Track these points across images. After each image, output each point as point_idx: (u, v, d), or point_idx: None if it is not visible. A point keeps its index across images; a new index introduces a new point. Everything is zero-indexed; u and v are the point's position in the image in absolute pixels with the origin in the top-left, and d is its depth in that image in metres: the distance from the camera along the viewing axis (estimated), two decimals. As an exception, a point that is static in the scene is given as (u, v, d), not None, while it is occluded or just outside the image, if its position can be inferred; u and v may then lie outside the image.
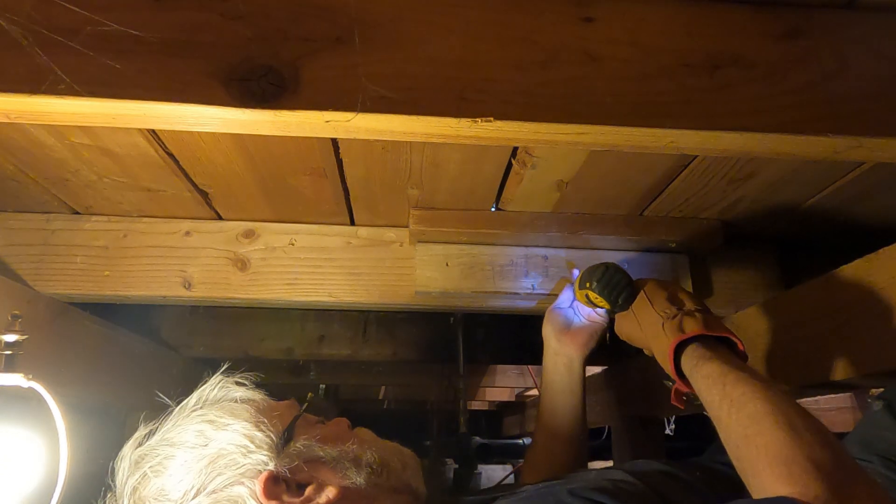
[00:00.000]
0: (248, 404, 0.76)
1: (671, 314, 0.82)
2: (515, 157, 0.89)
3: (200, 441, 0.71)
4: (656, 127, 0.61)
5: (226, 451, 0.69)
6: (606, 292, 0.90)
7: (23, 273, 1.03)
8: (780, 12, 0.67)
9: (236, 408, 0.74)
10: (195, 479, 0.67)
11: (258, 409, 0.75)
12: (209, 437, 0.71)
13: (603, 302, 0.91)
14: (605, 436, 2.13)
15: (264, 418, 0.73)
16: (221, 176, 0.94)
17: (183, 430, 0.72)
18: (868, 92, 0.64)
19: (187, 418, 0.74)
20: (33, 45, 0.54)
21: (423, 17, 0.62)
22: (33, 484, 0.78)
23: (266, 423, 0.72)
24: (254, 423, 0.72)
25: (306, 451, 0.72)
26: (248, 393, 0.78)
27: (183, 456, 0.69)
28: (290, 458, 0.70)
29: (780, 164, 0.89)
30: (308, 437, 0.74)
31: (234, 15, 0.59)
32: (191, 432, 0.72)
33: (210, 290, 1.07)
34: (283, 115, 0.56)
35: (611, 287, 0.90)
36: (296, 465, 0.70)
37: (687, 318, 0.80)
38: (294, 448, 0.71)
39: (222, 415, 0.73)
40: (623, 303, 0.90)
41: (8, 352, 0.78)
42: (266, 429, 0.71)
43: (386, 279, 1.10)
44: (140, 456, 0.72)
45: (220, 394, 0.77)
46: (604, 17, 0.64)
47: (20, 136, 0.81)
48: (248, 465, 0.68)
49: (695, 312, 0.81)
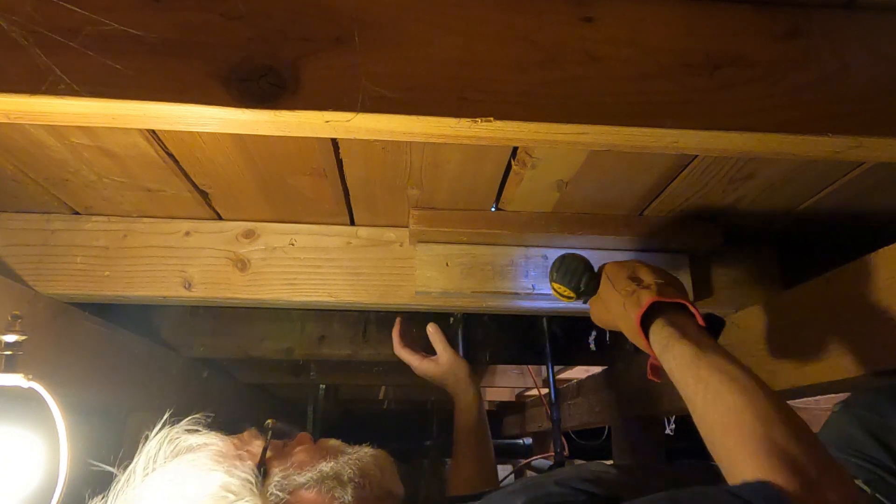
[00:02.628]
0: (206, 450, 0.69)
1: (630, 290, 0.82)
2: (515, 157, 0.89)
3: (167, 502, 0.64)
4: (656, 127, 0.61)
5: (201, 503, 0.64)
6: (566, 280, 0.91)
7: (23, 273, 1.03)
8: (780, 12, 0.67)
9: (197, 458, 0.68)
10: None
11: (222, 453, 0.69)
12: (181, 500, 0.64)
13: (568, 291, 0.92)
14: (606, 436, 2.13)
15: (232, 461, 0.68)
16: (221, 176, 0.94)
17: (146, 499, 0.65)
18: (868, 92, 0.64)
19: (144, 485, 0.67)
20: (33, 45, 0.54)
21: (423, 17, 0.62)
22: (33, 484, 0.78)
23: (237, 466, 0.67)
24: (224, 470, 0.66)
25: (287, 482, 0.68)
26: (202, 438, 0.71)
27: None
28: (274, 495, 0.66)
29: (780, 164, 0.89)
30: (283, 466, 0.70)
31: (234, 15, 0.59)
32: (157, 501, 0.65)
33: (210, 291, 1.07)
34: (282, 115, 0.56)
35: (570, 275, 0.91)
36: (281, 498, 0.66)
37: (643, 292, 0.80)
38: (273, 482, 0.67)
39: (185, 471, 0.67)
40: (585, 288, 0.91)
41: (8, 352, 0.78)
42: (238, 472, 0.66)
43: (386, 279, 1.10)
44: None
45: (172, 448, 0.70)
46: (604, 17, 0.64)
47: (20, 136, 0.81)
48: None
49: (652, 285, 0.81)
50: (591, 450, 2.33)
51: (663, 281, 0.83)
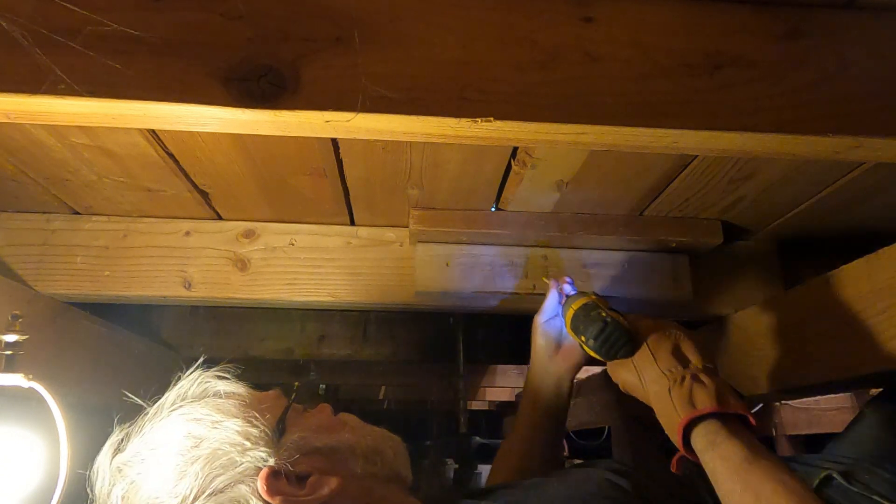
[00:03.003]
0: (233, 398, 0.72)
1: (678, 375, 0.76)
2: (515, 157, 0.89)
3: (191, 442, 0.66)
4: (656, 127, 0.61)
5: (221, 450, 0.65)
6: (604, 350, 0.83)
7: (23, 273, 1.03)
8: (780, 12, 0.67)
9: (222, 404, 0.70)
10: (192, 482, 0.63)
11: (246, 404, 0.71)
12: (200, 437, 0.66)
13: (596, 355, 0.85)
14: (606, 436, 2.13)
15: (254, 412, 0.69)
16: (221, 176, 0.94)
17: (168, 431, 0.68)
18: (868, 92, 0.64)
19: (169, 419, 0.69)
20: (33, 45, 0.54)
21: (423, 17, 0.62)
22: (33, 484, 0.78)
23: (258, 418, 0.68)
24: (244, 418, 0.68)
25: (303, 442, 0.69)
26: (231, 386, 0.74)
27: (174, 459, 0.65)
28: (288, 451, 0.67)
29: (780, 164, 0.89)
30: (301, 428, 0.71)
31: (233, 15, 0.59)
32: (178, 433, 0.67)
33: (210, 290, 1.07)
34: (282, 115, 0.56)
35: (608, 345, 0.83)
36: (295, 457, 0.67)
37: (697, 387, 0.74)
38: (290, 440, 0.68)
39: (210, 412, 0.69)
40: (619, 357, 0.83)
41: (8, 352, 0.78)
42: (259, 423, 0.68)
43: (386, 279, 1.10)
44: (123, 462, 0.67)
45: (201, 389, 0.73)
46: (604, 17, 0.64)
47: (20, 136, 0.81)
48: (247, 463, 0.65)
49: (702, 376, 0.75)
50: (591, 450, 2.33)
51: (710, 367, 0.77)
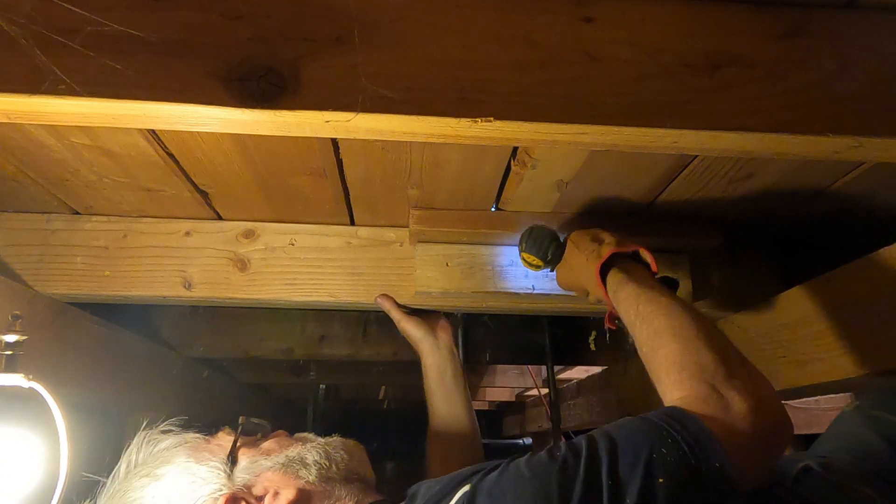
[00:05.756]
0: (182, 446, 0.78)
1: (592, 249, 0.88)
2: (515, 157, 0.89)
3: (148, 496, 0.72)
4: (656, 127, 0.61)
5: (179, 492, 0.71)
6: (535, 249, 0.97)
7: (23, 273, 1.03)
8: (780, 12, 0.67)
9: (170, 455, 0.76)
10: None
11: (193, 448, 0.77)
12: (155, 492, 0.72)
13: (537, 260, 0.98)
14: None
15: (206, 452, 0.76)
16: (221, 176, 0.94)
17: (125, 494, 0.73)
18: (868, 92, 0.64)
19: (125, 483, 0.75)
20: (33, 45, 0.54)
21: (423, 17, 0.62)
22: (33, 484, 0.78)
23: (207, 456, 0.75)
24: (194, 460, 0.74)
25: (254, 466, 0.75)
26: (176, 439, 0.79)
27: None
28: (241, 477, 0.73)
29: (780, 164, 0.89)
30: (252, 454, 0.77)
31: (234, 15, 0.59)
32: (134, 492, 0.73)
33: (210, 290, 1.07)
34: (282, 115, 0.56)
35: (537, 244, 0.97)
36: (248, 480, 0.73)
37: (604, 247, 0.86)
38: (241, 467, 0.75)
39: (159, 465, 0.74)
40: (553, 256, 0.97)
41: (8, 352, 0.78)
42: (209, 460, 0.74)
43: (386, 279, 1.10)
44: None
45: (148, 451, 0.78)
46: (604, 17, 0.64)
47: (20, 136, 0.81)
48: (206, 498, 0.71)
49: (612, 242, 0.86)
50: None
51: (620, 237, 0.88)
